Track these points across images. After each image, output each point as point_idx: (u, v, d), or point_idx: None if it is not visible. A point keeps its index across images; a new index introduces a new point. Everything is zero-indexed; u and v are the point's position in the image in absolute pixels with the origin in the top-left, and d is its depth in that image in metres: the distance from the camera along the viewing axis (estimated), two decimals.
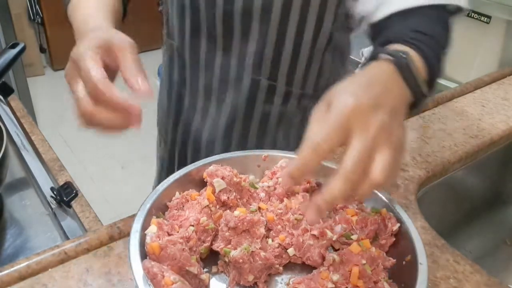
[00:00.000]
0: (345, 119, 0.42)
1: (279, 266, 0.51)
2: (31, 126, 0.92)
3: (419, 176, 0.70)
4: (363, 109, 0.42)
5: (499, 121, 0.87)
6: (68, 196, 0.71)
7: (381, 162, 0.41)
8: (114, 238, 0.56)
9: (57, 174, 0.79)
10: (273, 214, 0.54)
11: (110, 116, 0.47)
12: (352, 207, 0.54)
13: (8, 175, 0.72)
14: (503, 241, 0.88)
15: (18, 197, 0.75)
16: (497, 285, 0.52)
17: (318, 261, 0.51)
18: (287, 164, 0.59)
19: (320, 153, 0.42)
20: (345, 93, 0.44)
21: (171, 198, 0.54)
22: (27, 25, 3.16)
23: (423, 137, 0.80)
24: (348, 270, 0.46)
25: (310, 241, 0.51)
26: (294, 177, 0.43)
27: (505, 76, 1.05)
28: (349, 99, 0.43)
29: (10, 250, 0.65)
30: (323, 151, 0.42)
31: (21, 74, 2.40)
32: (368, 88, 0.45)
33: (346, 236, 0.51)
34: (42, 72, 3.35)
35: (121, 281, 0.51)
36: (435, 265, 0.54)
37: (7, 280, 0.51)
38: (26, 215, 0.71)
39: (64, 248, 0.54)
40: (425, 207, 0.64)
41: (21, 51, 0.88)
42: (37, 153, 0.84)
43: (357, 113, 0.42)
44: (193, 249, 0.49)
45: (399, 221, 0.52)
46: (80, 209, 0.71)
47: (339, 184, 0.41)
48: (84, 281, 0.51)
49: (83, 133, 2.42)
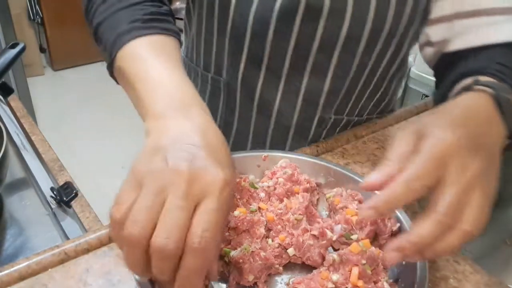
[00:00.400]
0: (441, 157, 0.39)
1: (279, 266, 0.51)
2: (31, 126, 0.92)
3: None
4: (461, 150, 0.40)
5: None
6: (68, 196, 0.71)
7: (474, 211, 0.39)
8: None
9: (57, 174, 0.78)
10: (273, 214, 0.54)
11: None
12: (352, 207, 0.54)
13: (8, 175, 0.72)
14: (503, 241, 0.88)
15: (18, 197, 0.75)
16: (497, 285, 0.52)
17: (318, 261, 0.51)
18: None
19: (412, 190, 0.39)
20: (441, 127, 0.41)
21: None
22: (27, 25, 3.17)
23: None
24: (348, 270, 0.46)
25: (310, 241, 0.51)
26: (380, 211, 0.40)
27: None
28: (447, 136, 0.40)
29: (10, 250, 0.65)
30: (415, 189, 0.39)
31: (21, 74, 2.41)
32: (466, 125, 0.42)
33: (346, 236, 0.51)
34: (42, 72, 3.35)
35: (121, 281, 0.51)
36: (435, 265, 0.54)
37: (7, 280, 0.51)
38: (26, 215, 0.71)
39: (64, 248, 0.54)
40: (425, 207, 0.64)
41: (21, 51, 0.88)
42: (37, 153, 0.84)
43: (454, 153, 0.40)
44: None
45: (399, 221, 0.52)
46: (80, 209, 0.71)
47: (430, 227, 0.38)
48: (84, 281, 0.51)
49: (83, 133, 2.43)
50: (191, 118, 0.43)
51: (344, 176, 0.58)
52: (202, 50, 0.74)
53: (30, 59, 3.16)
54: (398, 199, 0.39)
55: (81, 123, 2.84)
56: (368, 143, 0.77)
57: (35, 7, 3.11)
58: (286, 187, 0.56)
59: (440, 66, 0.68)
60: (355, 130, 0.78)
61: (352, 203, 0.55)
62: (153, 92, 0.45)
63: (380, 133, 0.80)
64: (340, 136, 0.76)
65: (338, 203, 0.55)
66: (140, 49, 0.50)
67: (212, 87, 0.76)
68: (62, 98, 3.07)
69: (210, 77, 0.75)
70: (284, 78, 0.69)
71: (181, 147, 0.39)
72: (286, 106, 0.71)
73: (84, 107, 2.99)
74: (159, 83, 0.46)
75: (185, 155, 0.39)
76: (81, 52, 3.28)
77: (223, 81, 0.73)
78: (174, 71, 0.47)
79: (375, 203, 0.40)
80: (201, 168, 0.38)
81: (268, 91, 0.71)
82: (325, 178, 0.60)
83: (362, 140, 0.78)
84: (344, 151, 0.74)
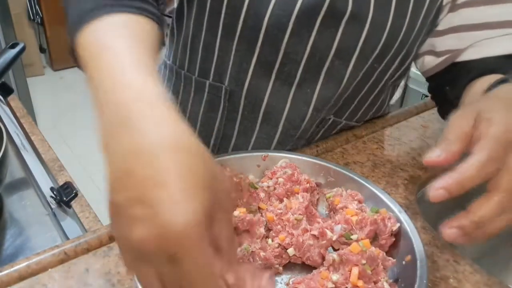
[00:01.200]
0: (509, 142, 0.42)
1: (279, 266, 0.51)
2: (31, 126, 0.92)
3: (419, 176, 0.70)
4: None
5: None
6: (68, 196, 0.71)
7: None
8: (114, 238, 0.56)
9: (57, 174, 0.78)
10: (273, 214, 0.54)
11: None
12: (352, 207, 0.54)
13: (8, 175, 0.72)
14: (503, 241, 0.88)
15: (18, 197, 0.75)
16: (497, 285, 0.52)
17: (318, 261, 0.51)
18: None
19: (485, 172, 0.41)
20: (503, 113, 0.44)
21: None
22: (27, 25, 3.17)
23: (423, 137, 0.80)
24: (348, 270, 0.46)
25: (310, 241, 0.51)
26: (451, 191, 0.42)
27: None
28: (509, 122, 0.43)
29: (10, 250, 0.65)
30: (488, 171, 0.42)
31: (21, 74, 2.41)
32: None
33: (346, 236, 0.51)
34: (42, 72, 3.36)
35: (121, 281, 0.51)
36: (435, 265, 0.54)
37: (7, 280, 0.51)
38: (26, 215, 0.71)
39: (64, 248, 0.54)
40: (425, 207, 0.64)
41: (21, 51, 0.88)
42: (37, 153, 0.84)
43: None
44: None
45: (399, 221, 0.52)
46: (80, 209, 0.71)
47: (492, 206, 0.41)
48: (84, 281, 0.51)
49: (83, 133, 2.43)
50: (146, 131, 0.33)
51: (344, 176, 0.58)
52: (199, 54, 0.68)
53: (30, 59, 3.16)
54: (471, 180, 0.41)
55: (81, 123, 2.84)
56: (368, 143, 0.77)
57: (35, 7, 3.11)
58: (286, 187, 0.56)
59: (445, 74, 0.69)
60: (355, 130, 0.78)
61: (352, 203, 0.55)
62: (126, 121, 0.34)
63: (380, 133, 0.80)
64: (340, 136, 0.76)
65: (338, 203, 0.55)
66: (104, 35, 0.41)
67: (210, 96, 0.69)
68: (62, 98, 3.08)
69: (208, 84, 0.68)
70: (295, 85, 0.64)
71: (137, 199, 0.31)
72: (295, 115, 0.67)
73: (84, 107, 2.99)
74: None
75: (140, 214, 0.31)
76: None
77: (225, 88, 0.67)
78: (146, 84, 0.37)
79: (447, 183, 0.42)
80: (164, 224, 0.31)
81: (277, 99, 0.66)
82: (325, 178, 0.60)
83: (362, 140, 0.78)
84: (344, 151, 0.74)
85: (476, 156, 0.42)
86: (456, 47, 0.66)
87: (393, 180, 0.68)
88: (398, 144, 0.78)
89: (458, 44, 0.66)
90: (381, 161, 0.72)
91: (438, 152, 0.44)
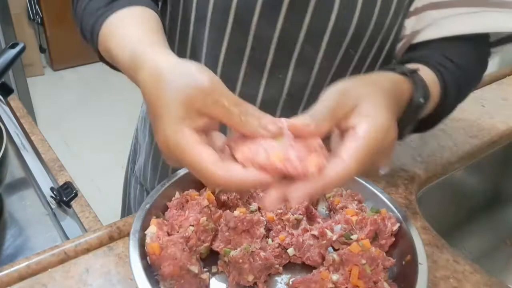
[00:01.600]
0: (377, 144, 0.41)
1: (279, 266, 0.51)
2: (31, 126, 0.92)
3: (419, 176, 0.70)
4: (391, 144, 0.43)
5: (498, 121, 0.87)
6: (68, 196, 0.71)
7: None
8: (114, 238, 0.56)
9: (57, 174, 0.78)
10: (273, 214, 0.54)
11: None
12: (352, 207, 0.54)
13: (8, 175, 0.72)
14: (503, 241, 0.88)
15: (18, 197, 0.75)
16: (497, 285, 0.52)
17: (318, 261, 0.51)
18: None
19: (348, 179, 0.40)
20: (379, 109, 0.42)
21: (171, 198, 0.54)
22: (27, 25, 3.16)
23: (423, 137, 0.80)
24: (348, 270, 0.46)
25: (310, 241, 0.51)
26: (312, 197, 0.42)
27: (504, 76, 1.05)
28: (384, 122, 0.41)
29: (10, 250, 0.65)
30: (350, 178, 0.40)
31: (21, 74, 2.41)
32: (396, 105, 0.45)
33: (346, 236, 0.51)
34: (41, 72, 3.35)
35: (121, 281, 0.51)
36: (435, 265, 0.54)
37: (7, 280, 0.51)
38: (26, 215, 0.71)
39: (64, 248, 0.54)
40: (425, 207, 0.64)
41: (21, 51, 0.88)
42: (37, 153, 0.84)
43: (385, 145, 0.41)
44: (193, 249, 0.49)
45: (399, 221, 0.52)
46: (80, 209, 0.71)
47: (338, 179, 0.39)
48: (84, 281, 0.51)
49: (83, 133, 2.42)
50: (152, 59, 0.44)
51: None
52: (176, 44, 0.69)
53: (30, 59, 3.16)
54: (329, 189, 0.41)
55: (81, 123, 2.84)
56: None
57: (35, 7, 3.11)
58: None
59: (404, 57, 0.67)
60: None
61: (352, 203, 0.55)
62: (124, 47, 0.48)
63: None
64: None
65: (338, 203, 0.55)
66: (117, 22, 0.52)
67: None
68: (62, 98, 3.07)
69: None
70: (267, 70, 0.65)
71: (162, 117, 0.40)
72: (269, 100, 0.67)
73: (84, 107, 2.99)
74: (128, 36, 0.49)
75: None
76: (81, 52, 3.27)
77: None
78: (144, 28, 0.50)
79: (311, 190, 0.38)
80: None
81: (250, 84, 0.66)
82: None
83: None
84: None
85: (342, 165, 0.39)
86: (416, 28, 0.64)
87: (393, 180, 0.68)
88: (398, 144, 0.77)
89: (418, 25, 0.63)
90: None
91: (308, 121, 0.40)
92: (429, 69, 0.56)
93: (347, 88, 0.43)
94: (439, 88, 0.56)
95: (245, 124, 0.39)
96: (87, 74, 3.36)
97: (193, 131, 0.39)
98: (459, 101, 0.61)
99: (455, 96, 0.58)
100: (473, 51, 0.61)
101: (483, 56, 0.63)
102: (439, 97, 0.56)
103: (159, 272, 0.46)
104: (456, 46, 0.60)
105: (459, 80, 0.58)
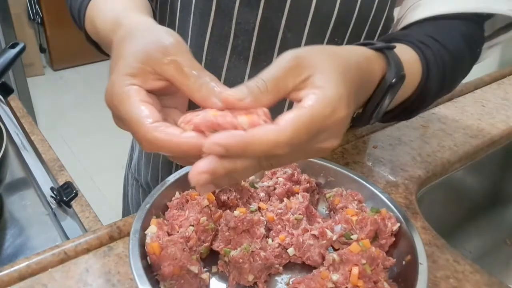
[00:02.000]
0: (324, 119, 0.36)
1: (279, 266, 0.51)
2: (31, 126, 0.92)
3: (419, 176, 0.70)
4: (340, 123, 0.38)
5: (499, 121, 0.87)
6: (68, 196, 0.72)
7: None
8: (114, 238, 0.56)
9: (57, 174, 0.79)
10: (273, 214, 0.54)
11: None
12: (352, 207, 0.54)
13: (8, 175, 0.72)
14: (503, 241, 0.88)
15: (18, 197, 0.75)
16: (497, 285, 0.52)
17: (318, 261, 0.51)
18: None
19: (280, 145, 0.34)
20: (333, 83, 0.37)
21: (171, 198, 0.54)
22: (27, 25, 3.17)
23: (423, 137, 0.80)
24: (348, 270, 0.46)
25: (310, 241, 0.51)
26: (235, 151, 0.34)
27: (505, 76, 1.05)
28: (342, 112, 0.37)
29: (10, 250, 0.65)
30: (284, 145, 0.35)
31: (21, 74, 2.41)
32: (357, 99, 0.41)
33: (346, 236, 0.51)
34: (42, 72, 3.35)
35: (121, 281, 0.51)
36: (435, 265, 0.54)
37: (7, 280, 0.51)
38: (26, 215, 0.71)
39: (64, 248, 0.54)
40: (425, 207, 0.65)
41: (21, 51, 0.88)
42: (37, 153, 0.84)
43: (332, 122, 0.37)
44: (193, 249, 0.49)
45: (399, 221, 0.52)
46: (80, 209, 0.71)
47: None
48: (84, 281, 0.51)
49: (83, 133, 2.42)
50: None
51: (344, 176, 0.59)
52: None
53: (30, 59, 3.16)
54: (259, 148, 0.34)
55: (81, 123, 2.84)
56: (368, 143, 0.77)
57: (35, 7, 3.11)
58: (286, 187, 0.56)
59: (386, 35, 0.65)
60: (355, 130, 0.78)
61: (352, 203, 0.55)
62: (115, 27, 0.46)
63: (380, 133, 0.80)
64: None
65: (338, 203, 0.55)
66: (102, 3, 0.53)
67: None
68: (62, 98, 3.08)
69: None
70: (251, 58, 0.63)
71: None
72: None
73: (84, 107, 2.99)
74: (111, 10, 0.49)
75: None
76: (81, 52, 3.27)
77: None
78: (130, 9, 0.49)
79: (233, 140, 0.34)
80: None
81: (235, 72, 0.65)
82: (325, 178, 0.60)
83: (362, 140, 0.78)
84: (344, 151, 0.74)
85: (276, 128, 0.34)
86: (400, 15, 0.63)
87: (393, 180, 0.68)
88: (398, 144, 0.78)
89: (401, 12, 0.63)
90: (381, 161, 0.72)
91: (243, 94, 0.36)
92: (410, 47, 0.53)
93: (302, 56, 0.38)
94: (420, 67, 0.53)
95: (198, 89, 0.36)
96: (87, 74, 3.37)
97: (141, 89, 0.37)
98: (445, 86, 0.58)
99: (439, 77, 0.55)
100: (460, 34, 0.58)
101: (472, 43, 0.60)
102: (421, 76, 0.53)
103: (159, 272, 0.46)
104: (442, 27, 0.57)
105: (443, 59, 0.55)
